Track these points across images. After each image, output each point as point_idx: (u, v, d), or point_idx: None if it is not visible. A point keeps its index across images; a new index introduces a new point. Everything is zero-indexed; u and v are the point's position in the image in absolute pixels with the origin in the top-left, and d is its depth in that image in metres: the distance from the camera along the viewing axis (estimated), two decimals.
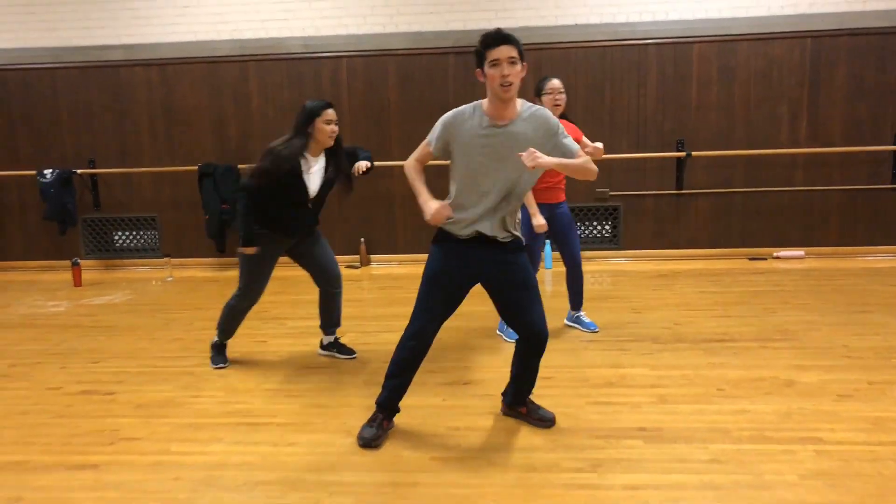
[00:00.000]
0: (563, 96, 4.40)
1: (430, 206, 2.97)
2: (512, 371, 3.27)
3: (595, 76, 7.08)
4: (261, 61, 7.32)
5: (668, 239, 7.38)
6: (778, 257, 7.18)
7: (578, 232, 4.64)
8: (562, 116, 4.46)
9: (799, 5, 6.86)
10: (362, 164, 3.96)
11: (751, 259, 7.18)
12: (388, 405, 3.17)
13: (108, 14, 7.37)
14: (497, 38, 2.79)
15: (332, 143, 3.91)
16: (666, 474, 2.75)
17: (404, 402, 3.25)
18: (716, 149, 7.15)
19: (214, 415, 3.50)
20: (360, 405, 3.54)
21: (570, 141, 2.97)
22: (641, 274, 6.60)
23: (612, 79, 7.08)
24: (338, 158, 4.01)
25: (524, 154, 2.74)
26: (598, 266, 7.03)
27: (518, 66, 2.81)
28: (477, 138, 2.89)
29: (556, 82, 4.40)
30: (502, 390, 3.41)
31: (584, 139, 4.48)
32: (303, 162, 3.87)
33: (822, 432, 3.08)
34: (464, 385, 3.81)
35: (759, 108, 7.08)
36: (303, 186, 3.89)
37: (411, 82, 7.25)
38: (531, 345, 3.10)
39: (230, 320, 4.22)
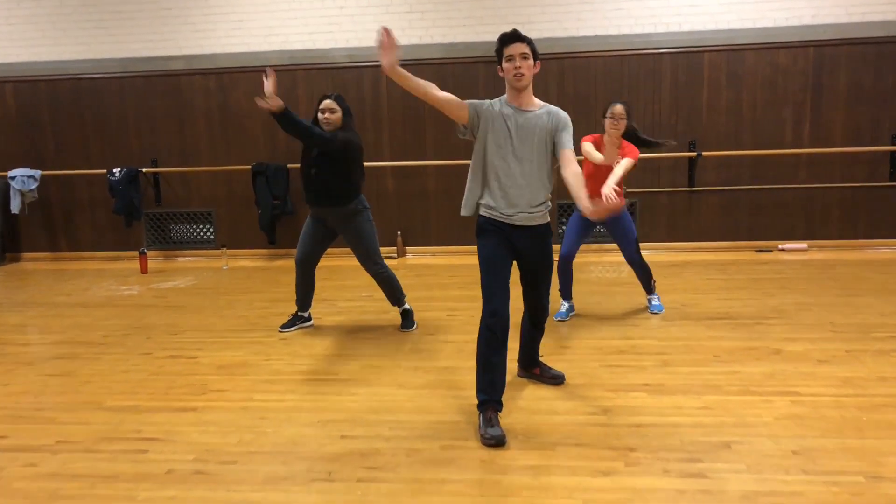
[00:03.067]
0: (624, 122, 4.72)
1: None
2: (521, 340, 3.83)
3: (614, 83, 7.62)
4: (308, 70, 7.92)
5: (680, 232, 7.84)
6: (782, 249, 7.59)
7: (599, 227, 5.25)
8: (624, 136, 4.84)
9: (802, 17, 7.29)
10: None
11: (757, 251, 7.61)
12: (491, 399, 3.22)
13: (171, 28, 8.02)
14: (512, 37, 3.20)
15: (328, 128, 4.58)
16: (664, 416, 3.32)
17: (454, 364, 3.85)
18: (725, 149, 7.58)
19: (286, 373, 4.13)
20: (408, 366, 4.17)
21: (569, 139, 3.26)
22: (655, 264, 7.05)
23: (630, 85, 7.58)
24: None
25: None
26: (615, 257, 7.57)
27: (530, 61, 3.18)
28: (502, 118, 3.24)
29: (618, 108, 4.72)
30: (517, 357, 3.91)
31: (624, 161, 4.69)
32: None
33: (798, 387, 3.63)
34: None
35: (764, 112, 7.52)
36: (309, 155, 4.66)
37: (445, 89, 7.79)
38: (535, 317, 3.66)
39: (296, 283, 4.98)
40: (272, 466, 2.95)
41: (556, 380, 3.83)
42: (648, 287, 5.28)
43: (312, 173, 4.64)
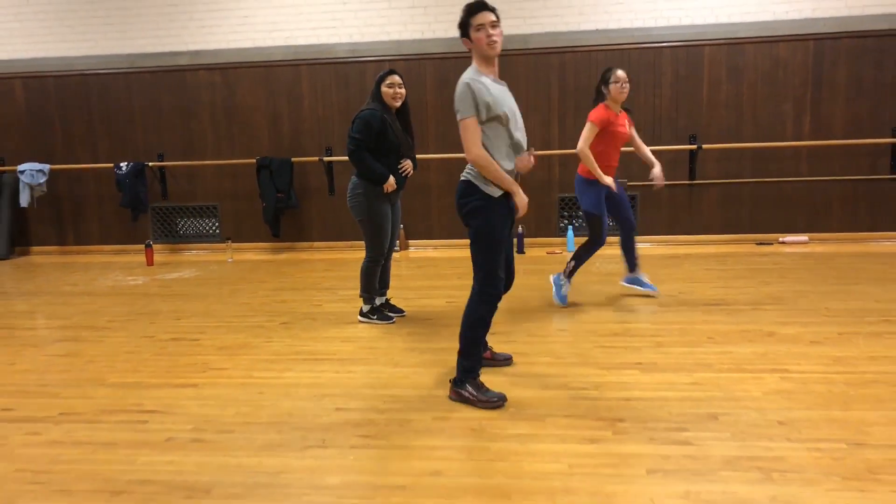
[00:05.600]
0: (628, 86, 4.87)
1: (524, 198, 3.28)
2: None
3: None
4: (312, 65, 7.99)
5: (681, 226, 7.83)
6: (783, 242, 7.58)
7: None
8: (624, 108, 5.00)
9: (802, 10, 7.29)
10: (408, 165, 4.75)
11: (758, 244, 7.60)
12: (479, 367, 3.39)
13: (177, 24, 8.10)
14: (480, 5, 3.17)
15: (397, 104, 4.61)
16: (655, 391, 3.36)
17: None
18: (726, 142, 7.57)
19: (285, 353, 4.20)
20: (405, 348, 4.22)
21: None
22: (655, 256, 7.16)
23: (630, 79, 7.60)
24: (402, 120, 4.73)
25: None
26: (616, 250, 7.62)
27: (500, 28, 3.20)
28: (499, 91, 3.21)
29: (621, 72, 4.83)
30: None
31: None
32: (387, 118, 4.58)
33: (789, 366, 3.66)
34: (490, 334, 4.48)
35: (765, 105, 7.51)
36: (393, 136, 4.61)
37: (447, 84, 7.85)
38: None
39: (369, 280, 4.82)
40: (268, 435, 3.01)
41: (507, 361, 3.89)
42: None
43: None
